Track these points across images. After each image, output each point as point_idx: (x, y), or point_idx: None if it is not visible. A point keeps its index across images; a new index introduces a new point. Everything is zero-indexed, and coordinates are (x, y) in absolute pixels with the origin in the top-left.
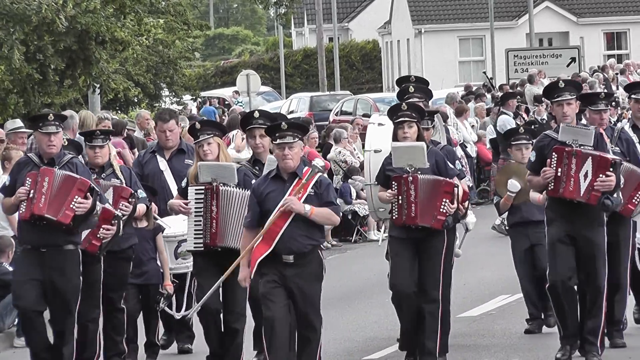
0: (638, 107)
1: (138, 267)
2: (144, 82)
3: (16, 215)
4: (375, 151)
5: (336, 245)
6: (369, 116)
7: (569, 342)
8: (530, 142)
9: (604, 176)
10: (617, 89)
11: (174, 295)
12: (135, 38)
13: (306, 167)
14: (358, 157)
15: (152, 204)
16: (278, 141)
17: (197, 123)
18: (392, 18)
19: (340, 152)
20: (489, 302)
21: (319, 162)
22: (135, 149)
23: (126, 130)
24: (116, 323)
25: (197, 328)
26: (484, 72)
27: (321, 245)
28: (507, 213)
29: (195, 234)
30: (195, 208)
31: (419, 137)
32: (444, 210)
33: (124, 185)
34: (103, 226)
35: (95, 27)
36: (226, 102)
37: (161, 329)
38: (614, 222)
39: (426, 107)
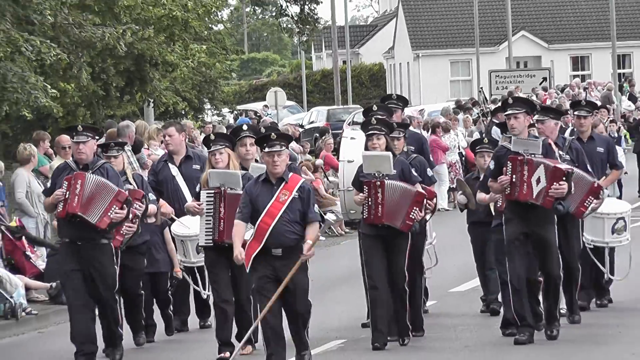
0: (580, 123)
1: (150, 258)
2: (189, 97)
3: None
4: (349, 161)
5: (349, 232)
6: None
7: (527, 330)
8: (492, 151)
9: (557, 185)
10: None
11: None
12: (183, 61)
13: (291, 173)
14: None
15: (166, 205)
16: (267, 149)
17: (211, 134)
18: (395, 44)
19: None
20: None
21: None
22: None
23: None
24: (136, 306)
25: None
26: (481, 88)
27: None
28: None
29: (205, 232)
30: (206, 209)
31: (387, 147)
32: (413, 217)
33: (135, 188)
34: (126, 225)
35: (149, 52)
36: (258, 114)
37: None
38: (565, 221)
39: (393, 120)
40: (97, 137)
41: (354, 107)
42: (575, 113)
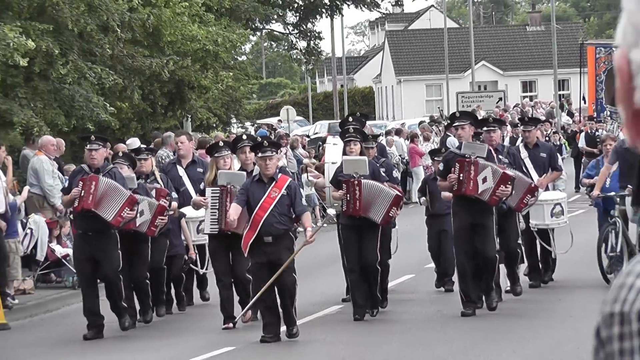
0: (526, 135)
1: (170, 243)
2: (219, 113)
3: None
4: (332, 163)
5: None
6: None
7: (472, 305)
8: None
9: (504, 187)
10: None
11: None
12: (214, 85)
13: (280, 174)
14: None
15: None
16: (260, 154)
17: (220, 141)
18: (382, 72)
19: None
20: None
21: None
22: None
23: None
24: (159, 280)
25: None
26: (439, 107)
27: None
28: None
29: (211, 222)
30: (211, 204)
31: (362, 152)
32: (392, 215)
33: (162, 187)
34: (159, 217)
35: (187, 77)
36: (273, 127)
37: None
38: (504, 214)
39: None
40: (107, 145)
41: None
42: (521, 127)
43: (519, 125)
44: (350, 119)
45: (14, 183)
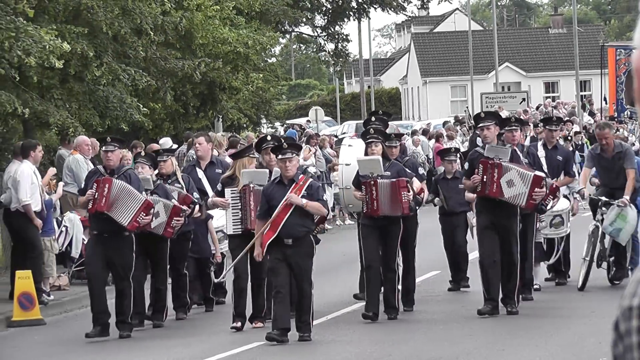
0: (550, 135)
1: (196, 245)
2: (250, 114)
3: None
4: (346, 164)
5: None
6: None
7: (491, 303)
8: (458, 158)
9: (538, 189)
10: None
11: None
12: (244, 86)
13: (301, 175)
14: None
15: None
16: (280, 156)
17: (239, 144)
18: (408, 73)
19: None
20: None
21: (311, 169)
22: None
23: (239, 144)
24: (181, 284)
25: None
26: (466, 107)
27: (312, 231)
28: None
29: (233, 222)
30: (232, 204)
31: (384, 152)
32: (405, 199)
33: (184, 188)
34: (175, 218)
35: (219, 79)
36: (302, 127)
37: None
38: (524, 214)
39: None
40: (123, 147)
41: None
42: (547, 127)
43: (539, 124)
44: (373, 118)
45: (50, 183)
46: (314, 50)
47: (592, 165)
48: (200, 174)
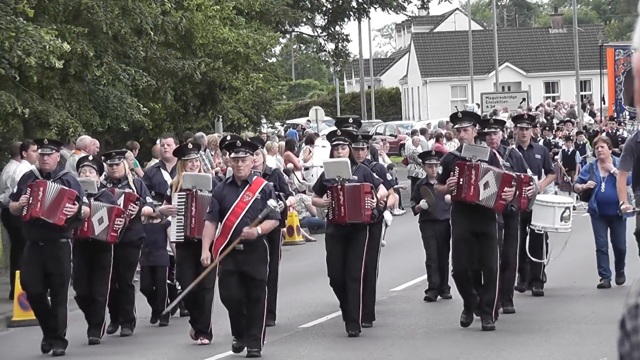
0: (522, 134)
1: (151, 253)
2: (250, 114)
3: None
4: (321, 166)
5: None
6: (394, 136)
7: (470, 311)
8: (438, 162)
9: (508, 189)
10: (553, 118)
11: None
12: (245, 86)
13: (255, 177)
14: (384, 162)
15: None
16: (233, 155)
17: (189, 143)
18: (408, 73)
19: None
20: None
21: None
22: None
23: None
24: (128, 297)
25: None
26: (477, 104)
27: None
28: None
29: (177, 229)
30: (178, 209)
31: (350, 156)
32: (368, 206)
33: (134, 193)
34: (116, 220)
35: (219, 79)
36: (302, 127)
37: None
38: (506, 216)
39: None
40: (60, 150)
41: (377, 121)
42: (519, 125)
43: (537, 124)
44: (350, 119)
45: None
46: (314, 50)
47: (630, 166)
48: (166, 176)
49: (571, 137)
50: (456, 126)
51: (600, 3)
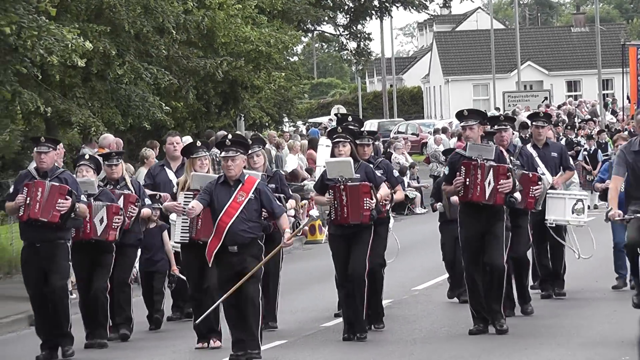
0: (538, 132)
1: (150, 259)
2: (272, 113)
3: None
4: (324, 166)
5: (394, 217)
6: (416, 135)
7: (482, 322)
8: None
9: (503, 180)
10: (575, 117)
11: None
12: (266, 85)
13: (248, 176)
14: (407, 161)
15: (159, 212)
16: (222, 154)
17: (198, 141)
18: (430, 72)
19: (395, 157)
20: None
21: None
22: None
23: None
24: (125, 297)
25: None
26: (497, 108)
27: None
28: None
29: (182, 229)
30: (183, 209)
31: (352, 154)
32: (367, 207)
33: (132, 193)
34: (114, 219)
35: (241, 78)
36: (324, 126)
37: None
38: (516, 217)
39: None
40: (57, 148)
41: (398, 120)
42: (534, 123)
43: (559, 124)
44: (350, 118)
45: None
46: (336, 49)
47: (624, 172)
48: (171, 175)
49: (593, 136)
50: (462, 124)
51: (622, 2)
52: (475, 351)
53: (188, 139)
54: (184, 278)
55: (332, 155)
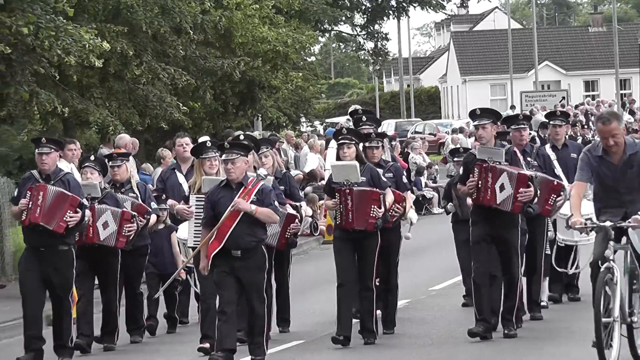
0: (555, 132)
1: (160, 261)
2: (289, 113)
3: None
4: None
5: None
6: (434, 135)
7: (483, 324)
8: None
9: (524, 190)
10: (592, 116)
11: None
12: (284, 85)
13: (251, 177)
14: (425, 161)
15: (166, 212)
16: (223, 157)
17: (207, 141)
18: (447, 72)
19: (413, 157)
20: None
21: (262, 171)
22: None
23: (278, 143)
24: (136, 304)
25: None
26: (512, 106)
27: (264, 241)
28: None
29: (195, 233)
30: (196, 213)
31: (357, 156)
32: (374, 215)
33: (139, 198)
34: (126, 226)
35: (258, 78)
36: (341, 125)
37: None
38: (531, 221)
39: (375, 131)
40: (60, 150)
41: (416, 120)
42: (551, 122)
43: (577, 123)
44: (364, 118)
45: None
46: (353, 49)
47: (589, 178)
48: (182, 178)
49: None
50: (474, 124)
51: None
52: (492, 353)
53: (206, 139)
54: (192, 283)
55: (337, 157)
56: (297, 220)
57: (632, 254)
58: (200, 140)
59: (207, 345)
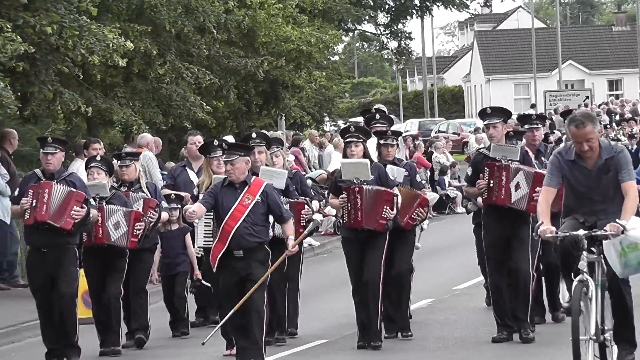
0: (533, 134)
1: (172, 263)
2: (312, 112)
3: None
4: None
5: (435, 216)
6: (457, 134)
7: (506, 329)
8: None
9: (540, 188)
10: (615, 115)
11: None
12: (307, 84)
13: (254, 177)
14: (448, 160)
15: (177, 212)
16: (223, 158)
17: (215, 140)
18: (471, 71)
19: (436, 156)
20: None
21: (318, 216)
22: (306, 155)
23: (301, 143)
24: (141, 302)
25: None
26: (533, 104)
27: (267, 241)
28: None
29: (205, 233)
30: (206, 213)
31: (365, 154)
32: (385, 216)
33: (150, 197)
34: (136, 225)
35: (281, 77)
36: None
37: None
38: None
39: (388, 129)
40: (65, 149)
41: (439, 119)
42: (526, 126)
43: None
44: (378, 116)
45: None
46: (377, 48)
47: (558, 183)
48: (192, 175)
49: (635, 135)
50: (485, 123)
51: None
52: (516, 353)
53: (230, 139)
54: (208, 285)
55: (345, 155)
56: (305, 205)
57: (603, 266)
58: (225, 139)
59: (234, 351)
